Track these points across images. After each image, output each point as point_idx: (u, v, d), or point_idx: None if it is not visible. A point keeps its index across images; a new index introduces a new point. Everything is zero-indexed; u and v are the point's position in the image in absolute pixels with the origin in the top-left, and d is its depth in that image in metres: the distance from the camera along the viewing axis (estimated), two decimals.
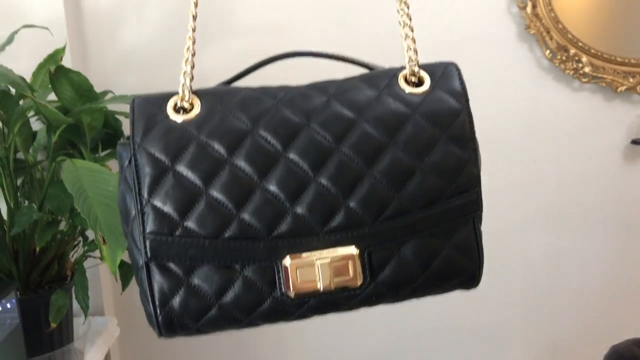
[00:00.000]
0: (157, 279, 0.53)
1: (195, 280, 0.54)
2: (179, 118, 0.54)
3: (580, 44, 1.27)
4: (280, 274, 0.54)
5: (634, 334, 0.95)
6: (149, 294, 0.53)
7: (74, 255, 1.05)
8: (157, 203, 0.52)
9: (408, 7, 0.60)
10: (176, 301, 0.53)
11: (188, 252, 0.53)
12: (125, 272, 1.03)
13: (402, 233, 0.55)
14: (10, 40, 0.96)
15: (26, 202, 1.02)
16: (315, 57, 0.63)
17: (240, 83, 0.61)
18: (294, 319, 0.56)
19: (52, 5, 1.13)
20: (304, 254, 0.54)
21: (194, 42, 0.56)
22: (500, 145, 1.33)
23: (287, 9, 1.25)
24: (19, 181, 1.01)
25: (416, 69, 0.60)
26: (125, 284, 1.03)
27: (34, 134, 1.05)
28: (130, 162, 0.53)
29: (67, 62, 1.08)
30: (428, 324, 1.45)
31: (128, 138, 0.54)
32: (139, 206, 0.52)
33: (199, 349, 1.40)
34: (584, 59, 1.28)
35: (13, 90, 0.94)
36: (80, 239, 1.04)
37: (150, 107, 0.54)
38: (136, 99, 0.55)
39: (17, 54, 1.02)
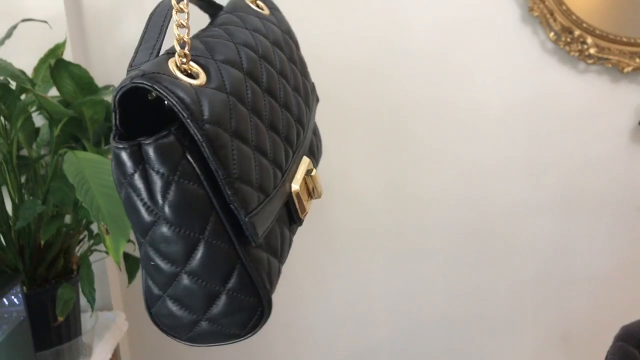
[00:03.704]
0: (263, 260, 0.48)
1: (272, 244, 0.51)
2: (195, 82, 0.45)
3: (584, 25, 1.25)
4: (294, 203, 0.56)
5: None
6: (259, 285, 0.47)
7: (79, 250, 1.05)
8: (240, 182, 0.45)
9: None
10: (267, 273, 0.49)
11: (270, 218, 0.49)
12: (131, 265, 1.03)
13: (309, 128, 0.66)
14: (9, 34, 0.96)
15: (31, 198, 1.02)
16: None
17: None
18: None
19: (52, 0, 1.13)
20: (297, 177, 0.57)
21: None
22: (505, 130, 1.32)
23: (289, 3, 1.24)
24: (23, 178, 1.01)
25: None
26: (131, 276, 1.03)
27: (36, 130, 1.06)
28: (200, 145, 0.43)
29: (68, 56, 1.08)
30: (438, 312, 1.44)
31: (122, 137, 0.43)
32: (229, 192, 0.44)
33: None
34: (589, 40, 1.26)
35: (14, 86, 0.94)
36: (86, 233, 1.04)
37: (172, 79, 0.43)
38: (146, 75, 0.42)
39: (18, 50, 1.01)
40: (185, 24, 0.45)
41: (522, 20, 1.26)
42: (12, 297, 0.87)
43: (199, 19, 0.61)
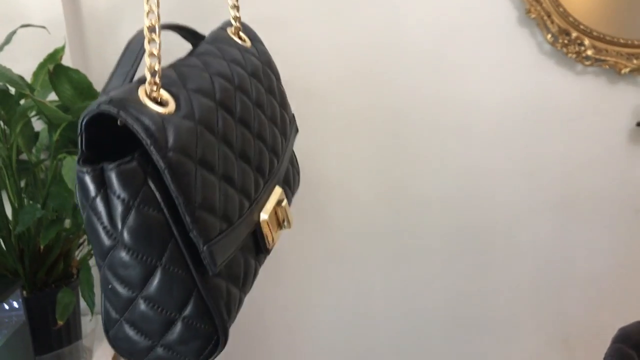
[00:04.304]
0: (221, 289, 0.49)
1: (234, 273, 0.52)
2: (163, 110, 0.45)
3: (582, 26, 1.26)
4: (262, 232, 0.56)
5: None
6: (216, 314, 0.47)
7: (79, 254, 1.05)
8: (201, 210, 0.45)
9: None
10: (225, 302, 0.50)
11: (232, 247, 0.49)
12: None
13: (285, 159, 0.66)
14: (8, 40, 0.97)
15: (30, 203, 1.02)
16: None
17: None
18: None
19: (51, 5, 1.14)
20: (267, 206, 0.57)
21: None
22: (503, 132, 1.32)
23: (284, 5, 1.25)
24: (23, 182, 1.02)
25: (240, 25, 0.67)
26: None
27: (36, 135, 1.06)
28: (162, 172, 0.43)
29: (67, 61, 1.08)
30: (437, 314, 1.44)
31: (88, 160, 0.44)
32: (189, 219, 0.44)
33: None
34: (586, 41, 1.26)
35: (13, 91, 0.94)
36: (85, 237, 1.04)
37: (139, 106, 0.44)
38: (113, 101, 0.42)
39: (17, 55, 1.02)
40: (156, 54, 0.46)
41: (519, 23, 1.26)
42: (12, 301, 0.88)
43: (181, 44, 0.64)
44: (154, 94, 0.45)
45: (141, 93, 0.45)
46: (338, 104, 1.31)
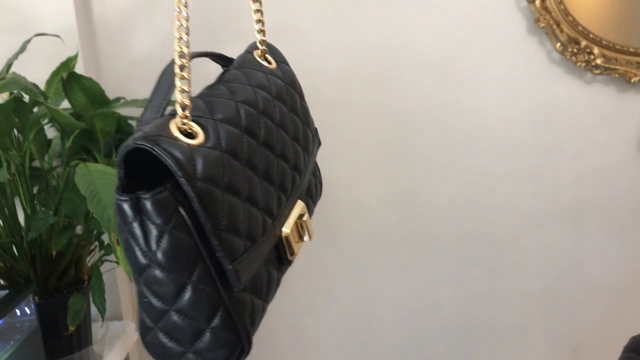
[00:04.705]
0: (246, 302, 0.53)
1: (257, 286, 0.55)
2: (193, 142, 0.49)
3: (591, 35, 1.26)
4: (284, 245, 0.60)
5: None
6: (240, 326, 0.51)
7: (90, 260, 1.06)
8: (227, 233, 0.49)
9: None
10: (249, 314, 0.54)
11: (256, 263, 0.53)
12: None
13: (307, 173, 0.69)
14: (23, 49, 0.98)
15: (42, 209, 1.03)
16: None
17: None
18: None
19: (64, 15, 1.15)
20: (289, 221, 0.61)
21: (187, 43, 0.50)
22: (513, 141, 1.32)
23: (294, 11, 1.26)
24: (35, 189, 1.03)
25: (266, 48, 0.71)
26: None
27: (49, 142, 1.07)
28: (192, 201, 0.47)
29: (79, 69, 1.10)
30: (446, 322, 1.44)
31: (126, 188, 0.47)
32: (215, 242, 0.48)
33: None
34: (596, 50, 1.26)
35: (27, 99, 0.96)
36: (97, 243, 1.05)
37: (170, 140, 0.47)
38: (147, 137, 0.46)
39: (30, 64, 1.04)
40: (187, 89, 0.50)
41: (529, 31, 1.27)
42: (24, 306, 0.89)
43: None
44: (185, 127, 0.49)
45: (172, 127, 0.48)
46: (347, 110, 1.31)
